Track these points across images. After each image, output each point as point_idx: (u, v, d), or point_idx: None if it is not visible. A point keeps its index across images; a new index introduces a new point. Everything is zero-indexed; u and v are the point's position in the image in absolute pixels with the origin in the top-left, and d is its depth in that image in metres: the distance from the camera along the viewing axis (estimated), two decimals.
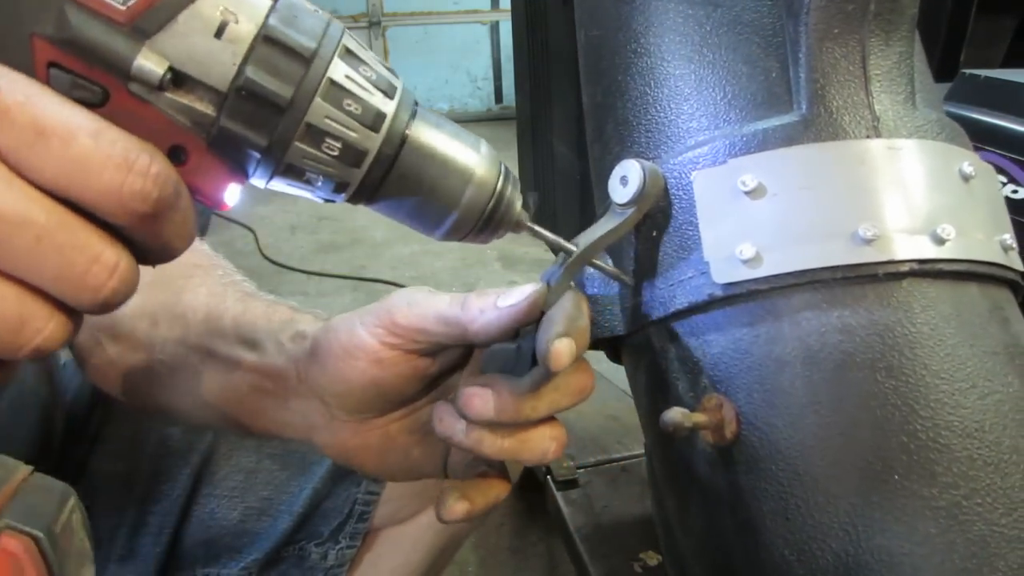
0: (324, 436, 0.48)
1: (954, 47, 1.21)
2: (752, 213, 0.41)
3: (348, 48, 0.32)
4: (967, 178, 0.42)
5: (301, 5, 0.31)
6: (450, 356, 0.46)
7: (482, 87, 4.99)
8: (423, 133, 0.34)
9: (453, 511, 0.42)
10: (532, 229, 0.39)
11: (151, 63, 0.28)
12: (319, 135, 0.31)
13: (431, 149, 0.35)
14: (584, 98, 0.54)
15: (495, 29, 4.84)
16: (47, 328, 0.28)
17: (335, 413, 0.46)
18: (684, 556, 0.50)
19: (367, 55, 0.33)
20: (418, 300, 0.43)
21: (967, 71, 0.91)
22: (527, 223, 0.39)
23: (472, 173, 0.35)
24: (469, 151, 0.36)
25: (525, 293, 0.39)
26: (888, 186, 0.40)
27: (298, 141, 0.31)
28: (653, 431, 0.48)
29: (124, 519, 0.70)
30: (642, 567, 0.93)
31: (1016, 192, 0.80)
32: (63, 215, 0.27)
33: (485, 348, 0.43)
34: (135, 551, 0.70)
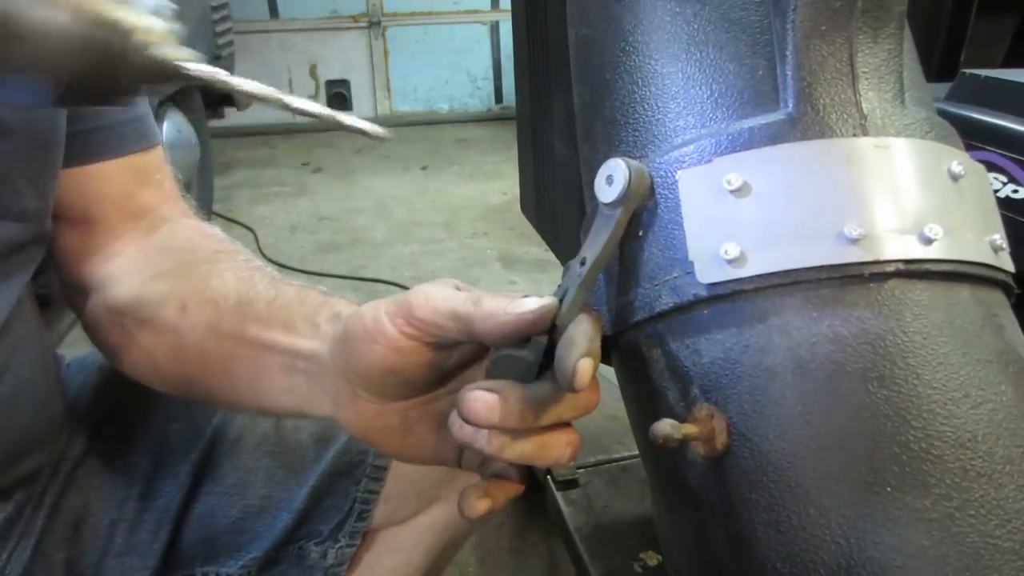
0: (348, 414, 0.49)
1: (954, 47, 1.20)
2: (737, 212, 0.40)
3: None
4: (956, 177, 0.41)
5: None
6: (468, 350, 0.47)
7: (482, 87, 5.00)
8: None
9: (477, 508, 0.44)
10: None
11: None
12: None
13: None
14: (575, 97, 0.54)
15: (495, 29, 4.85)
16: None
17: (359, 392, 0.47)
18: (678, 565, 0.49)
19: None
20: (435, 294, 0.43)
21: (967, 71, 0.91)
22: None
23: None
24: None
25: (535, 305, 0.40)
26: (875, 185, 0.39)
27: None
28: (644, 441, 0.47)
29: (123, 515, 0.70)
30: (642, 567, 0.93)
31: (1017, 192, 0.79)
32: None
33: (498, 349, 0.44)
34: (134, 548, 0.70)
